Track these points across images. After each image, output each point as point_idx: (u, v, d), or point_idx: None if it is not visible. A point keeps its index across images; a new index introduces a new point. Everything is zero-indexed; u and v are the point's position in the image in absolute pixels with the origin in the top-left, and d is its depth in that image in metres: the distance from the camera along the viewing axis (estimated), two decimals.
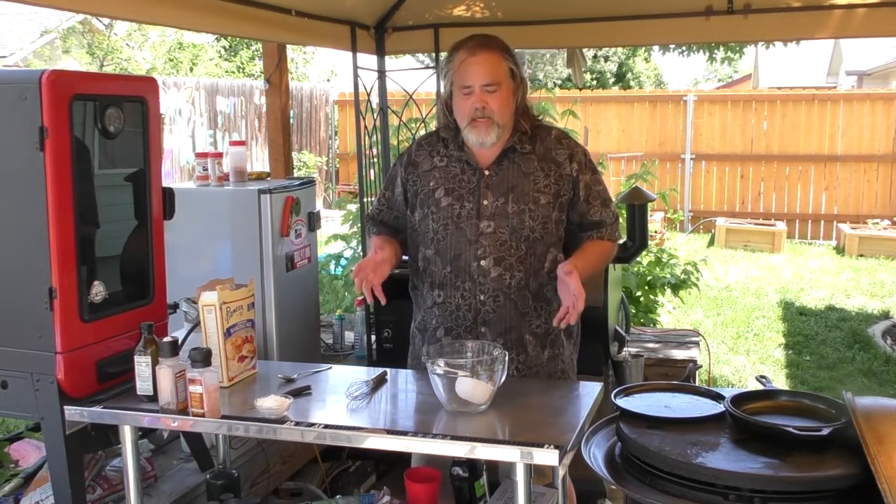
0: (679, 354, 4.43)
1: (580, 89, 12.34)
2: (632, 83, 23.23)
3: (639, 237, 3.46)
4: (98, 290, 2.30)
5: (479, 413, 2.11)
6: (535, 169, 2.51)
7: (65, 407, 2.23)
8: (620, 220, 2.77)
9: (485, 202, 2.49)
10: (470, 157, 2.53)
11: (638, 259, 5.61)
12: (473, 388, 2.07)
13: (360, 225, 4.71)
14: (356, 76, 4.36)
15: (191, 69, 15.56)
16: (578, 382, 2.48)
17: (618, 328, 3.61)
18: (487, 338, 2.48)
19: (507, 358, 2.15)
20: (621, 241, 3.51)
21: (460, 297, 2.51)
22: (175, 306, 2.72)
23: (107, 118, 2.31)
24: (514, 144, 2.51)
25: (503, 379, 2.13)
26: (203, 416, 2.12)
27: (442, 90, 2.60)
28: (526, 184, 2.49)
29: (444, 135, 2.60)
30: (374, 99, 4.55)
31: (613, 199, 2.66)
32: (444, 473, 2.41)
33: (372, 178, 4.87)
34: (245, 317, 2.44)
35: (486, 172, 2.51)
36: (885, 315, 7.38)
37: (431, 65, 4.56)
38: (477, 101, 2.43)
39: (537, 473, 2.40)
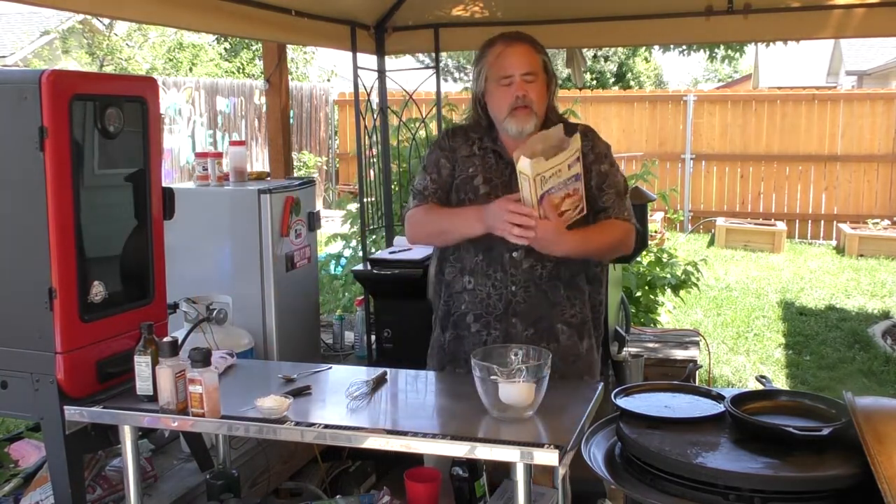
0: (679, 354, 4.43)
1: (580, 89, 12.34)
2: (632, 83, 23.20)
3: (639, 237, 3.45)
4: (98, 290, 2.30)
5: (525, 418, 2.06)
6: None
7: (65, 407, 2.23)
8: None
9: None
10: (503, 151, 2.53)
11: (638, 259, 5.61)
12: (519, 393, 2.04)
13: (360, 225, 4.70)
14: (356, 76, 4.36)
15: (191, 69, 15.55)
16: (578, 382, 2.48)
17: (618, 328, 3.61)
18: (518, 328, 2.50)
19: (549, 360, 2.08)
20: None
21: (491, 287, 2.52)
22: (175, 306, 2.72)
23: (107, 118, 2.31)
24: None
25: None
26: (203, 416, 2.12)
27: (475, 88, 2.55)
28: None
29: (474, 133, 2.59)
30: (374, 99, 4.55)
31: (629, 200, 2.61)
32: (444, 473, 2.42)
33: (372, 178, 4.87)
34: (564, 177, 2.31)
35: None
36: (885, 315, 7.38)
37: (431, 65, 4.56)
38: (518, 90, 2.43)
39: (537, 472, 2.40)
